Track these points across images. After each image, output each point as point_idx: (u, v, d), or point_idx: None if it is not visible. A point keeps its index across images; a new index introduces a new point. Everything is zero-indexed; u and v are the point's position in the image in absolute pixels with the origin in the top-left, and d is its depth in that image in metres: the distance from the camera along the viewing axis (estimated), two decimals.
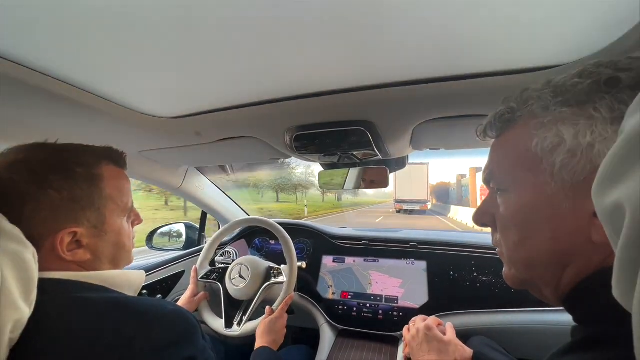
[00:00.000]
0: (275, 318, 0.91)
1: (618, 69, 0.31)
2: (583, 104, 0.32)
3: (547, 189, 0.33)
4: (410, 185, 25.61)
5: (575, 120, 0.32)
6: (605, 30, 0.44)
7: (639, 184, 0.20)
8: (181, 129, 0.81)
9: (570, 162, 0.31)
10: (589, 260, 0.32)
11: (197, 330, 0.50)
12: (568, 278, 0.34)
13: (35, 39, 0.45)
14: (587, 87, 0.32)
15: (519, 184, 0.37)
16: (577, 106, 0.32)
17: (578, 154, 0.31)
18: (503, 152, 0.39)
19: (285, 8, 0.38)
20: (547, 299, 0.38)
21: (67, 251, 0.48)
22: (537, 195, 0.34)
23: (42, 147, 0.51)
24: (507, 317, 0.97)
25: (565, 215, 0.32)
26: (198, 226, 1.55)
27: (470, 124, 0.69)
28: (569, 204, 0.32)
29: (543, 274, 0.36)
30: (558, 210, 0.33)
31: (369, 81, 0.59)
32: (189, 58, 0.51)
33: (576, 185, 0.31)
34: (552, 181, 0.33)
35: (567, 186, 0.32)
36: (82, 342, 0.40)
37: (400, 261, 1.21)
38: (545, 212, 0.34)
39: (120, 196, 0.56)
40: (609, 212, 0.23)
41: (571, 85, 0.33)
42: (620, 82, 0.30)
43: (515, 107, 0.38)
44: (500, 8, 0.39)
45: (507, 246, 0.39)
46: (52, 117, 0.69)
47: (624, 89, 0.30)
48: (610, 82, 0.30)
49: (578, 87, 0.32)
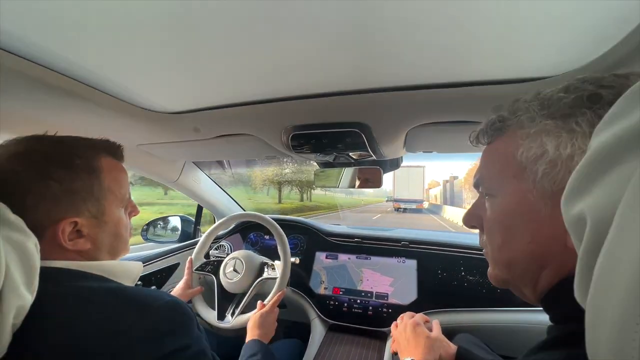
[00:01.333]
0: (267, 312, 0.93)
1: (600, 86, 0.33)
2: (566, 118, 0.33)
3: (529, 195, 0.35)
4: (407, 186, 28.07)
5: (558, 132, 0.33)
6: (591, 45, 0.46)
7: (599, 198, 0.22)
8: (180, 125, 0.82)
9: (551, 171, 0.33)
10: (564, 264, 0.34)
11: (192, 321, 0.52)
12: (545, 280, 0.36)
13: (37, 32, 0.46)
14: (571, 102, 0.33)
15: (504, 189, 0.39)
16: (560, 119, 0.34)
17: (558, 164, 0.33)
18: (492, 158, 0.41)
19: (286, 9, 0.40)
20: (527, 299, 0.40)
21: (69, 240, 0.49)
22: (520, 201, 0.36)
23: (42, 139, 0.52)
24: (492, 315, 1.00)
25: (544, 221, 0.34)
26: (193, 219, 1.57)
27: (461, 129, 0.71)
28: (547, 211, 0.34)
29: (523, 274, 0.38)
30: (538, 216, 0.35)
31: (364, 85, 0.60)
32: (190, 55, 0.51)
33: (555, 194, 0.33)
34: (534, 188, 0.35)
35: (547, 194, 0.34)
36: (81, 328, 0.42)
37: (392, 259, 1.23)
38: (527, 217, 0.36)
39: (118, 188, 0.57)
40: (574, 222, 0.25)
41: (557, 99, 0.35)
42: (602, 98, 0.32)
43: (506, 116, 0.39)
44: (493, 21, 0.41)
45: (492, 247, 0.41)
46: (52, 110, 0.69)
47: (605, 105, 0.31)
48: (592, 98, 0.32)
49: (563, 101, 0.34)
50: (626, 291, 0.17)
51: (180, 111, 0.77)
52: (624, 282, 0.17)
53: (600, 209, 0.21)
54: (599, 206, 0.22)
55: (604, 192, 0.21)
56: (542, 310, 0.38)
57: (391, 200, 30.42)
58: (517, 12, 0.39)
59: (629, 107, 0.22)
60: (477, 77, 0.56)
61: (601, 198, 0.22)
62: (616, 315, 0.18)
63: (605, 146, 0.22)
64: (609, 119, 0.23)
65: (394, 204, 27.85)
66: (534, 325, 0.92)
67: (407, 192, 28.40)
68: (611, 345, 0.18)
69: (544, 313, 0.38)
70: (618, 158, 0.21)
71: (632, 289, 0.17)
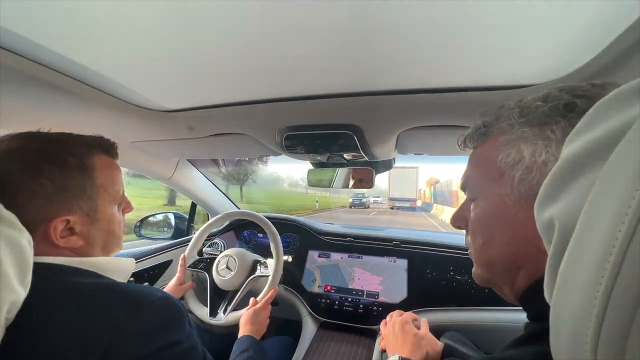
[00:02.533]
0: (260, 309, 0.94)
1: (575, 95, 0.34)
2: (542, 126, 0.35)
3: (507, 199, 0.37)
4: (402, 186, 29.89)
5: (534, 140, 0.35)
6: (576, 53, 0.48)
7: (566, 205, 0.24)
8: (174, 123, 0.83)
9: (527, 177, 0.35)
10: (538, 265, 0.36)
11: (184, 317, 0.53)
12: (521, 280, 0.38)
13: (30, 29, 0.46)
14: (548, 110, 0.35)
15: (485, 193, 0.40)
16: (537, 127, 0.35)
17: (534, 170, 0.34)
18: (476, 163, 0.43)
19: (282, 11, 0.40)
20: (507, 298, 0.42)
21: (61, 238, 0.50)
22: (499, 205, 0.38)
23: (35, 137, 0.52)
24: (479, 314, 1.02)
25: (521, 224, 0.36)
26: (187, 216, 1.57)
27: (451, 133, 0.73)
28: (523, 215, 0.36)
29: (501, 274, 0.40)
30: (515, 219, 0.36)
31: (357, 88, 0.62)
32: (185, 53, 0.52)
33: (530, 198, 0.35)
34: (511, 193, 0.36)
35: (523, 198, 0.36)
36: (74, 324, 0.43)
37: (383, 258, 1.25)
38: (505, 220, 0.38)
39: (111, 185, 0.57)
40: (544, 226, 0.27)
41: (534, 107, 0.36)
42: (576, 107, 0.33)
43: (489, 122, 0.41)
44: (483, 30, 0.43)
45: (474, 248, 0.43)
46: (45, 107, 0.69)
47: (579, 114, 0.32)
48: (567, 107, 0.34)
49: (540, 110, 0.36)
50: (582, 291, 0.19)
51: (174, 109, 0.77)
52: (581, 283, 0.19)
53: (566, 215, 0.23)
54: (565, 212, 0.23)
55: (570, 199, 0.23)
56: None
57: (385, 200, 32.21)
58: (506, 21, 0.41)
59: (596, 120, 0.23)
60: (466, 84, 0.57)
61: (568, 205, 0.23)
62: (573, 314, 0.19)
63: (573, 156, 0.23)
64: (578, 129, 0.24)
65: (389, 202, 29.17)
66: (520, 325, 0.94)
67: (401, 191, 30.03)
68: (568, 341, 0.20)
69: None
70: (584, 167, 0.22)
71: (587, 290, 0.18)
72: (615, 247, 0.17)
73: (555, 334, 0.22)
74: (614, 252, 0.17)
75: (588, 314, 0.18)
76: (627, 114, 0.20)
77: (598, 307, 0.17)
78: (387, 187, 31.88)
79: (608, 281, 0.17)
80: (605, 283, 0.17)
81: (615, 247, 0.17)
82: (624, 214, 0.17)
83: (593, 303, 0.18)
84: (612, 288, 0.17)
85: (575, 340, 0.19)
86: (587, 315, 0.18)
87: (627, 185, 0.17)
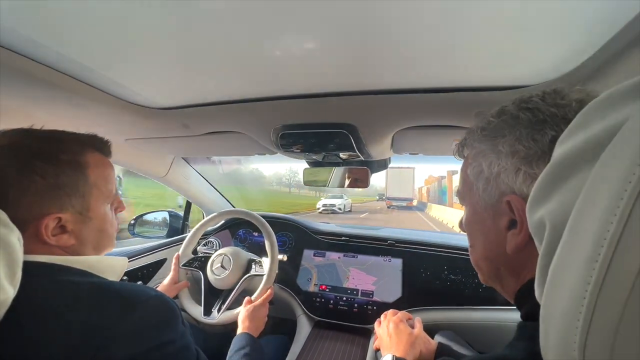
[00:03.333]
0: (259, 306, 0.94)
1: (521, 108, 0.36)
2: (494, 140, 0.37)
3: (478, 207, 0.40)
4: (399, 186, 31.72)
5: (488, 154, 0.38)
6: (568, 55, 0.49)
7: (557, 205, 0.24)
8: (169, 120, 0.82)
9: (487, 187, 0.38)
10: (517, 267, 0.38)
11: (177, 316, 0.52)
12: (508, 280, 0.40)
13: (24, 24, 0.45)
14: (498, 124, 0.38)
15: (466, 202, 0.44)
16: (491, 141, 0.38)
17: (491, 180, 0.37)
18: (460, 174, 0.46)
19: (277, 10, 0.40)
20: (506, 297, 0.44)
21: (52, 236, 0.49)
22: (473, 212, 0.42)
23: (28, 133, 0.51)
24: (473, 314, 1.03)
25: (490, 229, 0.39)
26: (182, 215, 1.56)
27: (445, 133, 0.73)
28: (490, 222, 0.39)
29: (489, 275, 0.43)
30: (485, 225, 0.40)
31: (353, 87, 0.62)
32: (180, 50, 0.51)
33: (493, 206, 0.38)
34: (479, 202, 0.40)
35: (488, 206, 0.39)
36: (64, 323, 0.42)
37: (378, 258, 1.25)
38: (478, 226, 0.41)
39: (104, 183, 0.57)
40: (536, 226, 0.27)
41: (488, 122, 0.39)
42: (519, 122, 0.35)
43: (465, 139, 0.44)
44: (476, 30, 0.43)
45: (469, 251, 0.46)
46: (39, 103, 0.68)
47: (520, 128, 0.35)
48: (511, 122, 0.36)
49: (492, 125, 0.38)
50: (572, 290, 0.19)
51: (169, 107, 0.76)
52: (571, 282, 0.19)
53: (557, 215, 0.23)
54: (556, 212, 0.24)
55: (561, 199, 0.23)
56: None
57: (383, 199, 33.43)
58: (500, 22, 0.41)
59: (587, 121, 0.23)
60: (462, 84, 0.58)
61: (559, 204, 0.23)
62: (562, 312, 0.19)
63: (565, 156, 0.24)
64: (570, 131, 0.25)
65: (387, 201, 30.38)
66: (513, 324, 0.95)
67: (398, 191, 31.64)
68: (557, 340, 0.20)
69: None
70: (575, 168, 0.22)
71: (577, 289, 0.18)
72: (603, 247, 0.17)
73: (545, 332, 0.22)
74: (602, 252, 0.17)
75: (577, 313, 0.18)
76: (618, 115, 0.20)
77: (587, 306, 0.17)
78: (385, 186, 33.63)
79: (597, 280, 0.17)
80: (594, 282, 0.17)
81: (604, 246, 0.17)
82: (612, 214, 0.17)
83: (582, 302, 0.18)
84: (600, 287, 0.17)
85: (564, 339, 0.19)
86: (575, 315, 0.18)
87: (616, 185, 0.17)
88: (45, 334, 0.41)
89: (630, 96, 0.20)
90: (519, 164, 0.34)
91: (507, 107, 0.38)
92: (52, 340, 0.41)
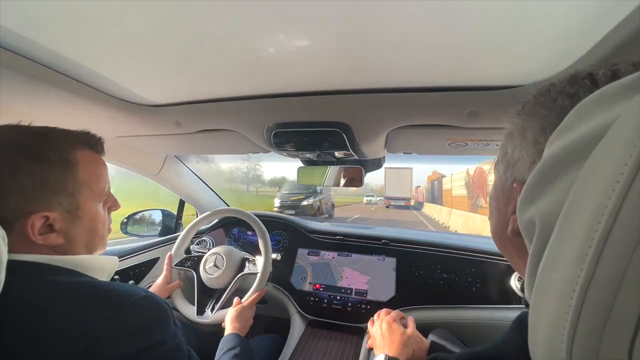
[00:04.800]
0: (246, 307, 0.94)
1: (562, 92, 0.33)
2: (525, 120, 0.35)
3: (498, 186, 0.40)
4: (397, 186, 32.43)
5: (516, 136, 0.36)
6: (560, 55, 0.49)
7: (547, 204, 0.24)
8: (160, 118, 0.81)
9: (506, 171, 0.37)
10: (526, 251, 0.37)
11: (168, 316, 0.52)
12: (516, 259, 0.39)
13: (13, 20, 0.44)
14: (533, 106, 0.35)
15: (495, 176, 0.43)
16: (522, 122, 0.35)
17: (510, 166, 0.36)
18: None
19: (271, 8, 0.40)
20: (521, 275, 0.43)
21: (39, 235, 0.48)
22: (494, 189, 0.41)
23: (15, 129, 0.50)
24: (466, 312, 1.04)
25: (501, 209, 0.38)
26: (175, 213, 1.55)
27: (439, 133, 0.73)
28: (503, 202, 0.38)
29: (501, 250, 0.42)
30: (499, 204, 0.39)
31: (346, 85, 0.61)
32: (171, 47, 0.51)
33: (507, 190, 0.37)
34: (499, 181, 0.39)
35: (504, 188, 0.38)
36: (52, 324, 0.41)
37: (372, 257, 1.26)
38: (495, 203, 0.41)
39: (95, 182, 0.55)
40: (526, 226, 0.27)
41: (525, 102, 0.36)
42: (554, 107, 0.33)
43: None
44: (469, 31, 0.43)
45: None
46: (28, 100, 0.67)
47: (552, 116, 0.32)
48: (548, 104, 0.33)
49: (529, 104, 0.35)
50: (560, 289, 0.19)
51: (161, 104, 0.75)
52: (559, 281, 0.19)
53: (546, 214, 0.23)
54: (546, 212, 0.24)
55: (551, 199, 0.23)
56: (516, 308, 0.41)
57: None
58: (492, 22, 0.41)
59: (577, 120, 0.23)
60: (456, 83, 0.58)
61: (548, 204, 0.23)
62: (550, 313, 0.19)
63: (555, 156, 0.24)
64: (559, 130, 0.25)
65: (385, 201, 30.83)
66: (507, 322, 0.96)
67: (396, 191, 32.13)
68: (545, 341, 0.20)
69: (518, 311, 0.41)
70: (564, 168, 0.22)
71: (565, 288, 0.18)
72: (591, 247, 0.17)
73: (533, 332, 0.22)
74: (590, 252, 0.17)
75: (564, 313, 0.18)
76: (608, 114, 0.20)
77: (574, 306, 0.17)
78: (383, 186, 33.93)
79: (584, 280, 0.17)
80: (581, 282, 0.17)
81: (592, 245, 0.17)
82: (600, 213, 0.17)
83: (569, 302, 0.18)
84: (587, 287, 0.17)
85: (551, 340, 0.19)
86: (563, 315, 0.18)
87: (605, 184, 0.17)
88: (31, 335, 0.40)
89: (619, 96, 0.20)
90: (536, 156, 0.32)
91: (555, 85, 0.33)
92: (37, 341, 0.40)
